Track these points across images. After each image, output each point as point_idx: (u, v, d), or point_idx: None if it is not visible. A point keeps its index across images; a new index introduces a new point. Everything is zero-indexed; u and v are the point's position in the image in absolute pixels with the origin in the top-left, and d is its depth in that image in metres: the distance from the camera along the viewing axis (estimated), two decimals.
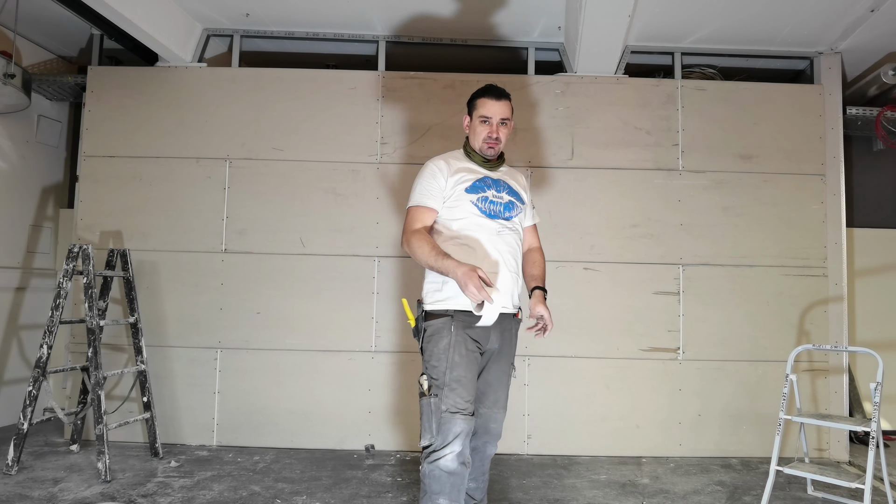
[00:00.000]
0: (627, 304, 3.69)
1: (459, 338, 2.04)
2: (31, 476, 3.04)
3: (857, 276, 4.22)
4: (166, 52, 3.69)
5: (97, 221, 3.74)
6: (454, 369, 2.02)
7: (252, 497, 2.82)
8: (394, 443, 3.64)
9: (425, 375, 2.07)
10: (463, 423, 1.99)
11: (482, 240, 2.14)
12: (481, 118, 2.21)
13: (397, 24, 3.76)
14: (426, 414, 2.01)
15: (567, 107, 3.79)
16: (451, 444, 1.97)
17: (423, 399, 2.03)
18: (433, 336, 2.08)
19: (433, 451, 1.98)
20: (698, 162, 3.77)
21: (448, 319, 2.06)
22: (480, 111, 2.21)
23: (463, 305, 2.05)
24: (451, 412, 1.98)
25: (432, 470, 1.97)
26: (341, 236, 3.72)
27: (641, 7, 3.38)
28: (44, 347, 3.17)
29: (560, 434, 3.63)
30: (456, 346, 2.04)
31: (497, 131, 2.21)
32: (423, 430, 2.01)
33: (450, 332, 2.05)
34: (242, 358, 3.67)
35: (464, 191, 2.16)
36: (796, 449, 3.34)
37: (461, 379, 2.02)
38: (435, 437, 1.98)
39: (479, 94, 2.24)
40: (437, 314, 2.09)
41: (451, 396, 2.00)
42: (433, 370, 2.04)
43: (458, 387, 2.01)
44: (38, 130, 4.26)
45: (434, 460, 1.97)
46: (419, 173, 2.22)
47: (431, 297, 2.13)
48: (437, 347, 2.05)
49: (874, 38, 3.66)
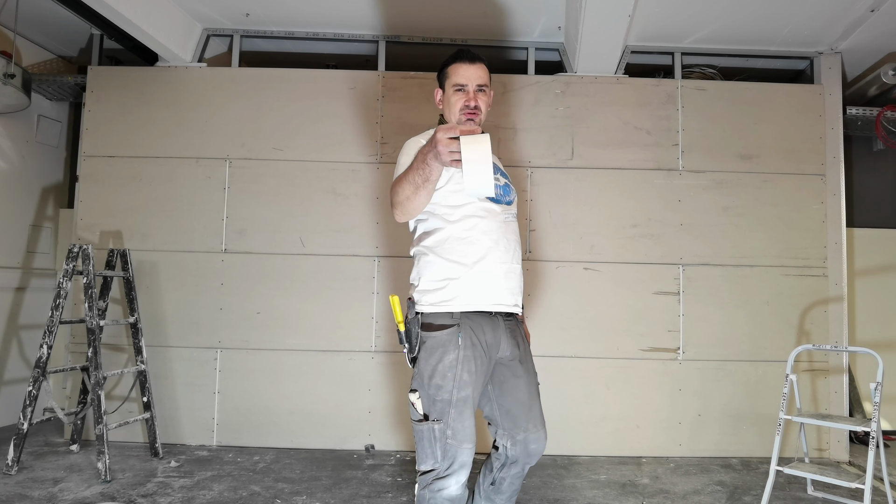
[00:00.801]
0: (627, 304, 3.69)
1: (469, 352, 1.74)
2: (31, 476, 3.04)
3: (857, 276, 4.22)
4: (166, 52, 3.69)
5: (97, 221, 3.74)
6: (463, 388, 1.72)
7: (252, 497, 2.82)
8: (394, 443, 3.64)
9: (418, 393, 1.74)
10: (470, 452, 1.74)
11: (492, 228, 1.83)
12: (455, 86, 1.91)
13: (397, 24, 3.76)
14: (427, 440, 1.72)
15: (567, 107, 3.79)
16: (456, 474, 1.72)
17: (422, 424, 1.73)
18: (436, 350, 1.75)
19: (437, 479, 1.72)
20: (698, 162, 3.77)
21: (455, 330, 1.75)
22: (453, 79, 1.92)
23: (473, 306, 1.77)
24: (459, 441, 1.71)
25: (433, 498, 1.72)
26: (341, 236, 3.72)
27: (641, 7, 3.38)
28: (44, 347, 3.17)
29: (560, 434, 3.63)
30: (465, 361, 1.73)
31: (475, 98, 1.90)
32: (423, 455, 1.74)
33: (457, 345, 1.73)
34: (242, 358, 3.67)
35: None
36: (796, 449, 3.34)
37: (468, 399, 1.73)
38: (439, 462, 1.71)
39: (450, 60, 1.96)
40: (441, 323, 1.76)
41: (459, 421, 1.71)
42: (437, 390, 1.72)
43: (466, 409, 1.73)
44: (38, 130, 4.26)
45: (438, 489, 1.71)
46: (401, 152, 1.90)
47: (430, 296, 1.79)
48: (442, 364, 1.73)
49: (874, 38, 3.66)
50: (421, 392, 1.75)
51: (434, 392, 1.73)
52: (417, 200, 1.69)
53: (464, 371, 1.73)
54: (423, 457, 1.75)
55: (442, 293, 1.79)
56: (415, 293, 1.83)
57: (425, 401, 1.74)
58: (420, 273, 1.85)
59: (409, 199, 1.69)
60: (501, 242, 1.84)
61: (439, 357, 1.74)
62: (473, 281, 1.79)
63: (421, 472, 1.76)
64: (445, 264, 1.80)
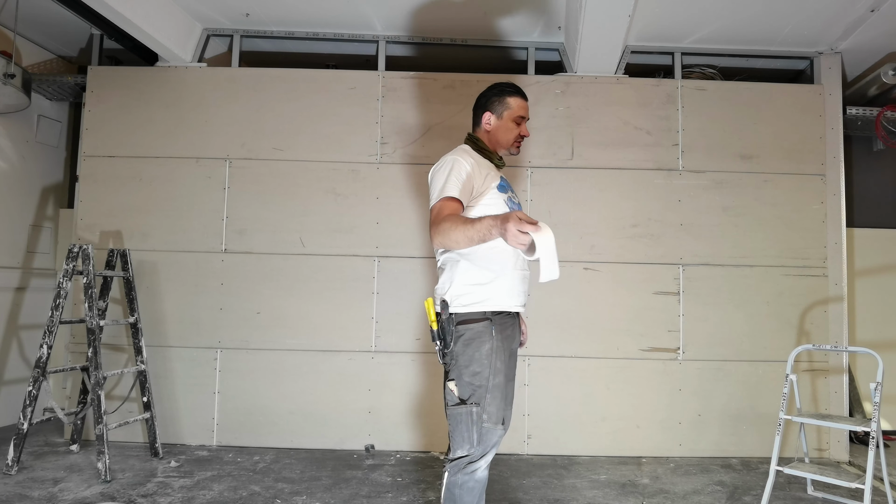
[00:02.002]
0: (627, 304, 3.69)
1: (499, 343, 1.95)
2: (31, 476, 3.04)
3: (857, 276, 4.22)
4: (166, 52, 3.69)
5: (97, 221, 3.74)
6: (496, 375, 1.93)
7: (252, 497, 2.82)
8: (394, 443, 3.64)
9: (455, 381, 1.94)
10: (501, 432, 1.93)
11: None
12: (518, 118, 2.14)
13: (397, 24, 3.76)
14: (465, 423, 1.89)
15: (567, 107, 3.79)
16: (487, 455, 1.91)
17: (460, 408, 1.90)
18: (473, 340, 1.93)
19: (471, 462, 1.88)
20: (698, 162, 3.77)
21: (488, 323, 1.95)
22: (517, 111, 2.14)
23: (501, 306, 1.98)
24: (493, 422, 1.90)
25: (466, 481, 1.87)
26: (341, 236, 3.72)
27: (641, 7, 3.38)
28: (44, 347, 3.17)
29: (560, 434, 3.63)
30: (498, 351, 1.94)
31: (527, 131, 2.19)
32: (460, 440, 1.89)
33: (491, 336, 1.94)
34: (242, 358, 3.67)
35: (496, 189, 2.03)
36: (796, 449, 3.34)
37: (501, 385, 1.94)
38: (475, 446, 1.88)
39: (513, 92, 2.16)
40: (475, 318, 1.95)
41: (493, 404, 1.91)
42: (475, 376, 1.91)
43: (499, 394, 1.93)
44: (38, 130, 4.26)
45: (472, 471, 1.88)
46: (443, 167, 2.00)
47: (465, 299, 1.98)
48: (480, 352, 1.92)
49: (874, 38, 3.66)
50: (458, 380, 1.93)
51: (471, 378, 1.91)
52: (463, 247, 1.88)
53: (497, 360, 1.94)
54: (459, 442, 1.90)
55: (474, 296, 1.96)
56: (447, 296, 1.98)
57: (462, 387, 1.92)
58: (453, 278, 2.00)
59: (458, 244, 1.85)
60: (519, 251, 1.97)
61: (477, 347, 1.92)
62: (501, 285, 1.99)
63: (453, 458, 1.91)
64: (478, 270, 1.98)
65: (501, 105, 2.15)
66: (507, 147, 2.16)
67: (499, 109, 2.15)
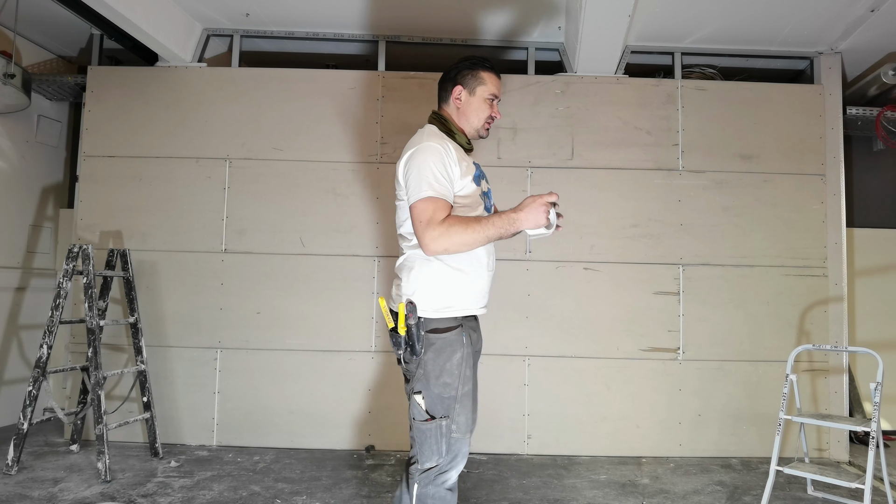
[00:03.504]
0: (627, 304, 3.69)
1: (469, 349, 1.84)
2: (31, 476, 3.04)
3: (857, 276, 4.22)
4: (166, 52, 3.69)
5: (97, 221, 3.74)
6: (466, 384, 1.83)
7: (252, 497, 2.82)
8: (394, 443, 3.64)
9: (422, 394, 1.80)
10: (469, 442, 1.85)
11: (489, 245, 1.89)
12: (490, 96, 1.94)
13: (397, 24, 3.76)
14: (434, 437, 1.78)
15: (567, 107, 3.79)
16: (458, 465, 1.83)
17: (429, 423, 1.79)
18: (444, 350, 1.79)
19: (441, 473, 1.80)
20: (698, 162, 3.77)
21: (460, 331, 1.82)
22: (490, 88, 1.94)
23: (470, 310, 1.86)
24: (462, 432, 1.82)
25: (437, 491, 1.79)
26: (341, 236, 3.72)
27: (641, 7, 3.38)
28: (44, 347, 3.17)
29: (560, 434, 3.63)
30: (467, 359, 1.83)
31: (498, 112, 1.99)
32: (429, 452, 1.79)
33: (462, 343, 1.82)
34: (242, 358, 3.67)
35: (472, 181, 1.86)
36: (796, 449, 3.34)
37: (469, 393, 1.85)
38: (443, 456, 1.80)
39: (483, 66, 1.95)
40: (448, 325, 1.81)
41: (463, 414, 1.82)
42: (445, 388, 1.79)
43: (468, 402, 1.84)
44: (38, 130, 4.26)
45: (442, 482, 1.79)
46: (422, 157, 1.79)
47: (436, 302, 1.81)
48: (451, 362, 1.80)
49: (874, 38, 3.66)
50: (425, 392, 1.80)
51: (441, 390, 1.79)
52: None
53: (466, 368, 1.83)
54: (427, 454, 1.80)
55: (445, 299, 1.82)
56: (415, 297, 1.81)
57: (430, 400, 1.79)
58: (422, 278, 1.83)
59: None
60: (489, 249, 1.92)
61: (448, 356, 1.80)
62: (471, 287, 1.87)
63: (423, 470, 1.80)
64: (452, 272, 1.83)
65: (475, 79, 1.94)
66: (476, 128, 1.96)
67: (471, 84, 1.94)
